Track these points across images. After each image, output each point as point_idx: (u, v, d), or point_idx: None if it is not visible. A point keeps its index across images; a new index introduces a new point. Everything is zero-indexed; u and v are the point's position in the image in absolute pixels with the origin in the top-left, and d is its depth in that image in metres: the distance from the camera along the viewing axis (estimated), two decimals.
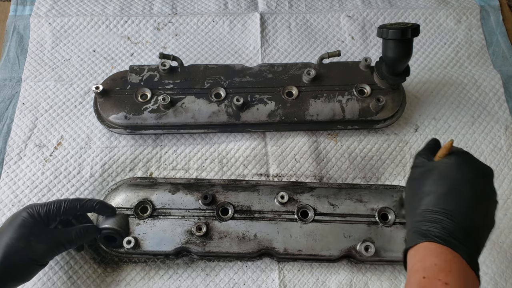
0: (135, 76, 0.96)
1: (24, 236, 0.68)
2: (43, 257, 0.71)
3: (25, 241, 0.68)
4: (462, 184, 0.60)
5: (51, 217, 0.72)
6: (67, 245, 0.74)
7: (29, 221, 0.70)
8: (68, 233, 0.73)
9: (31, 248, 0.68)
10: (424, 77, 1.08)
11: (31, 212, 0.71)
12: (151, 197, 0.84)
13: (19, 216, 0.70)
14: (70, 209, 0.73)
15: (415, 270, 0.57)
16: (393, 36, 0.80)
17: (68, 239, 0.73)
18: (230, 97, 0.94)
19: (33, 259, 0.69)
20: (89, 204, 0.76)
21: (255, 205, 0.84)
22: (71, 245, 0.75)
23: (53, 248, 0.72)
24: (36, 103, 1.01)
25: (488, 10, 1.19)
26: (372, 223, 0.83)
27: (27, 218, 0.70)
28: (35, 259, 0.69)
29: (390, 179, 0.95)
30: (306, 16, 1.17)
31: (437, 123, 1.01)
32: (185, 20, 1.15)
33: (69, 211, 0.73)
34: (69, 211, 0.73)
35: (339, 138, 0.99)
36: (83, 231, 0.75)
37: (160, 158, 0.96)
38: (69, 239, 0.73)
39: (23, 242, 0.68)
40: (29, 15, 1.13)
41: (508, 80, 1.07)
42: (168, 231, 0.81)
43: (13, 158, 0.94)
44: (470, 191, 0.60)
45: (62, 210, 0.72)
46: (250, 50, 1.12)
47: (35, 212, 0.71)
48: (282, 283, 0.83)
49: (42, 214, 0.71)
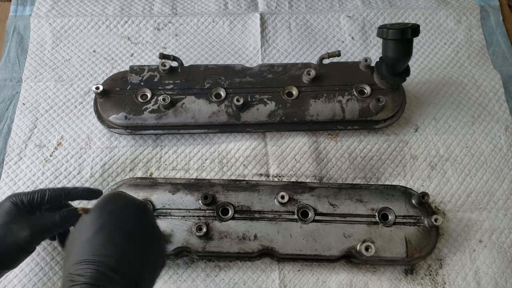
0: (135, 76, 0.96)
1: (6, 224, 0.68)
2: (27, 243, 0.69)
3: (6, 228, 0.68)
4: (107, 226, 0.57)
5: (35, 205, 0.72)
6: (52, 229, 0.72)
7: (11, 209, 0.69)
8: (51, 217, 0.72)
9: (13, 235, 0.68)
10: (424, 77, 1.08)
11: (14, 201, 0.70)
12: (151, 197, 0.84)
13: (1, 206, 0.70)
14: (55, 197, 0.73)
15: None
16: (393, 36, 0.80)
17: (52, 222, 0.72)
18: (230, 97, 0.94)
19: (16, 245, 0.68)
20: (75, 192, 0.75)
21: (255, 205, 0.84)
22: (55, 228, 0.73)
23: (37, 234, 0.70)
24: (36, 103, 1.01)
25: (488, 10, 1.19)
26: (372, 223, 0.83)
27: (9, 206, 0.70)
28: (18, 245, 0.69)
29: (390, 179, 0.95)
30: (306, 16, 1.17)
31: (437, 123, 1.01)
32: (185, 21, 1.15)
33: (54, 199, 0.73)
34: (54, 199, 0.73)
35: (339, 138, 0.99)
36: (67, 214, 0.73)
37: (160, 158, 0.96)
38: (53, 222, 0.72)
39: (4, 230, 0.68)
40: (29, 16, 1.13)
41: (508, 80, 1.07)
42: (169, 231, 0.81)
43: (13, 158, 0.94)
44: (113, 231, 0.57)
45: (46, 198, 0.72)
46: (250, 50, 1.12)
47: (18, 201, 0.71)
48: (282, 283, 0.83)
49: (25, 202, 0.71)
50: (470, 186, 0.94)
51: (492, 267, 0.85)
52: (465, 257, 0.86)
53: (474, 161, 0.97)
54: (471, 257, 0.86)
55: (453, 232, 0.89)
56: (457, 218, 0.90)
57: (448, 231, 0.89)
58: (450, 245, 0.87)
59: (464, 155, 0.97)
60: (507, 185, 0.94)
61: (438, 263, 0.86)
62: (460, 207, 0.92)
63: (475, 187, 0.94)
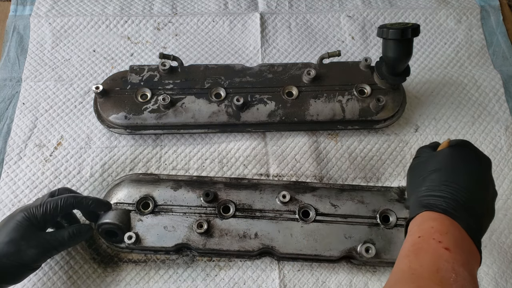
0: (135, 76, 0.96)
1: (15, 241, 0.67)
2: (33, 261, 0.69)
3: (15, 245, 0.67)
4: (463, 167, 0.63)
5: (48, 218, 0.71)
6: (60, 248, 0.73)
7: (22, 225, 0.69)
8: (60, 236, 0.72)
9: (21, 253, 0.67)
10: (424, 77, 1.08)
11: (26, 216, 0.69)
12: (153, 193, 0.84)
13: (13, 219, 0.69)
14: (66, 207, 0.72)
15: (412, 233, 0.58)
16: (393, 36, 0.80)
17: (61, 241, 0.72)
18: (230, 97, 0.94)
19: (22, 264, 0.68)
20: (85, 202, 0.75)
21: (257, 203, 0.84)
22: (64, 247, 0.74)
23: (45, 252, 0.71)
24: (36, 103, 1.01)
25: (489, 10, 1.19)
26: (373, 224, 0.83)
27: (21, 221, 0.69)
28: (24, 264, 0.68)
29: (390, 179, 0.95)
30: (306, 16, 1.17)
31: (437, 123, 1.01)
32: (185, 20, 1.15)
33: (65, 209, 0.73)
34: (66, 208, 0.73)
35: (339, 138, 0.99)
36: (76, 232, 0.74)
37: (160, 158, 0.96)
38: (62, 241, 0.72)
39: (13, 247, 0.67)
40: (29, 15, 1.13)
41: (508, 80, 1.07)
42: (169, 228, 0.81)
43: (13, 158, 0.94)
44: (471, 174, 0.62)
45: (59, 210, 0.71)
46: (250, 50, 1.12)
47: (30, 216, 0.69)
48: (282, 283, 0.83)
49: (38, 217, 0.70)
50: None
51: (492, 267, 0.85)
52: None
53: None
54: None
55: None
56: None
57: None
58: None
59: None
60: (507, 185, 0.94)
61: None
62: None
63: None
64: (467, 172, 0.62)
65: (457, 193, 0.59)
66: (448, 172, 0.62)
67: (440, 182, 0.61)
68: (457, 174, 0.62)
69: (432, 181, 0.63)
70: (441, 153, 0.67)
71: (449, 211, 0.57)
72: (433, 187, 0.61)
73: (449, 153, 0.66)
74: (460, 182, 0.60)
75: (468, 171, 0.62)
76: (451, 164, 0.64)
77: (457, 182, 0.60)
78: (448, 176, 0.62)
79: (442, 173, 0.63)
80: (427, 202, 0.60)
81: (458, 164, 0.64)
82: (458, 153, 0.65)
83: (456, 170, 0.63)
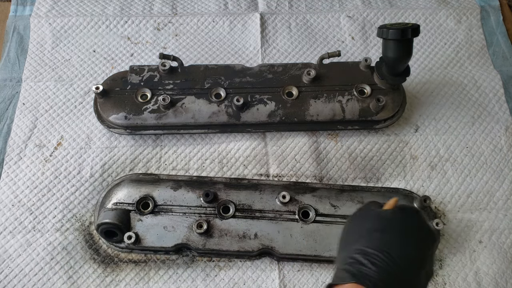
0: (135, 76, 0.96)
1: None
2: None
3: None
4: (404, 235, 0.58)
5: None
6: None
7: None
8: None
9: None
10: (424, 77, 1.08)
11: None
12: (153, 193, 0.84)
13: None
14: None
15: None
16: (393, 36, 0.80)
17: None
18: (230, 97, 0.94)
19: None
20: None
21: (256, 204, 0.84)
22: None
23: None
24: (36, 103, 1.01)
25: (489, 10, 1.19)
26: None
27: None
28: None
29: (390, 179, 0.95)
30: (306, 16, 1.17)
31: (437, 124, 1.01)
32: (185, 20, 1.15)
33: None
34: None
35: (339, 138, 0.99)
36: None
37: (160, 158, 0.96)
38: None
39: None
40: (29, 16, 1.13)
41: (508, 81, 1.07)
42: (169, 228, 0.81)
43: (13, 158, 0.94)
44: (412, 246, 0.57)
45: None
46: (250, 50, 1.12)
47: None
48: (282, 283, 0.83)
49: None
50: (470, 187, 0.94)
51: (492, 267, 0.85)
52: (465, 257, 0.86)
53: (474, 161, 0.97)
54: (471, 257, 0.86)
55: (453, 233, 0.89)
56: (457, 218, 0.90)
57: (448, 232, 0.89)
58: (450, 246, 0.87)
59: (464, 156, 0.97)
60: (507, 186, 0.94)
61: (438, 264, 0.86)
62: (460, 208, 0.92)
63: (475, 187, 0.94)
64: (408, 243, 0.57)
65: (392, 264, 0.54)
66: (388, 237, 0.58)
67: (377, 246, 0.56)
68: (396, 242, 0.57)
69: (369, 240, 0.58)
70: (387, 213, 0.62)
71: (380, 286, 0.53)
72: (368, 250, 0.56)
73: (396, 215, 0.61)
74: (397, 252, 0.55)
75: (409, 243, 0.57)
76: (394, 228, 0.59)
77: (394, 251, 0.55)
78: (386, 242, 0.57)
79: (381, 235, 0.58)
80: (358, 270, 0.54)
81: (401, 230, 0.59)
82: (406, 218, 0.61)
83: (398, 237, 0.58)
